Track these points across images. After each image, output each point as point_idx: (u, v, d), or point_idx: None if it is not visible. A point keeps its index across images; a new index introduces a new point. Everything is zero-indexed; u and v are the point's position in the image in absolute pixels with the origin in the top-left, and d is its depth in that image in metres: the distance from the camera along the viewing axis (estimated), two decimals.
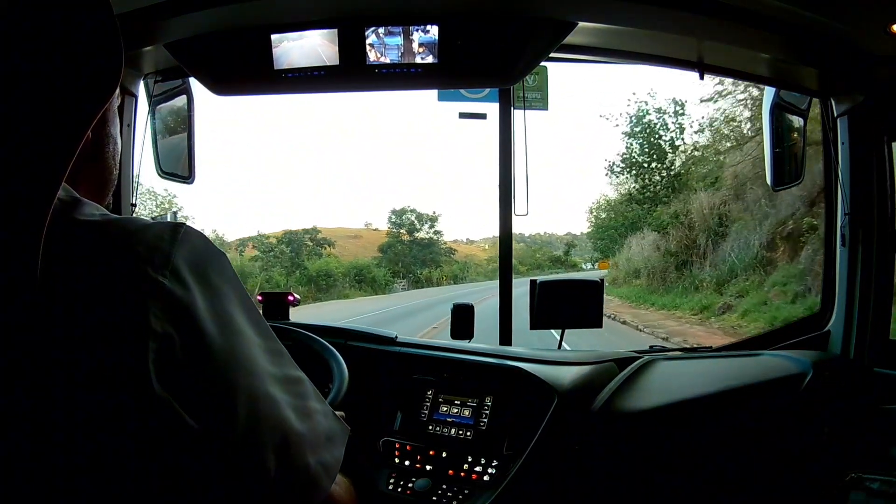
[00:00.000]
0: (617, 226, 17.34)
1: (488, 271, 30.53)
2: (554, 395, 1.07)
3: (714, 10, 1.10)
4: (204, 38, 1.23)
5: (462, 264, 31.38)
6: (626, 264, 15.22)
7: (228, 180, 43.04)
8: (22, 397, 0.38)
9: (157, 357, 0.40)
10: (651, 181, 15.89)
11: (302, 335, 1.10)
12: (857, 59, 1.20)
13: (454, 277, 29.68)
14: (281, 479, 0.45)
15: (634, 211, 16.23)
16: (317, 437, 0.49)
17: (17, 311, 0.38)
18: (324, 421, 0.51)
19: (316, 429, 0.49)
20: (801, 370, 1.22)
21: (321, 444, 0.50)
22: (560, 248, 36.51)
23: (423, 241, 28.64)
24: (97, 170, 0.53)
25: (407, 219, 29.01)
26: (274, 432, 0.45)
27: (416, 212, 29.38)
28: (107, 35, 0.43)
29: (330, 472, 0.50)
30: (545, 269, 33.27)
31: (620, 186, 17.40)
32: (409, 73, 1.21)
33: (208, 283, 0.45)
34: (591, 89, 52.26)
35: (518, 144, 1.56)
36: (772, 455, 1.17)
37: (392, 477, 1.11)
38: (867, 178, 1.34)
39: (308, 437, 0.48)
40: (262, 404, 0.45)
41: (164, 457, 0.42)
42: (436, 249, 28.87)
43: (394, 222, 29.27)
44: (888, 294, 1.35)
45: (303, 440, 0.47)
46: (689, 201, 13.07)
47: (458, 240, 35.53)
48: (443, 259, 29.49)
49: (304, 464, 0.47)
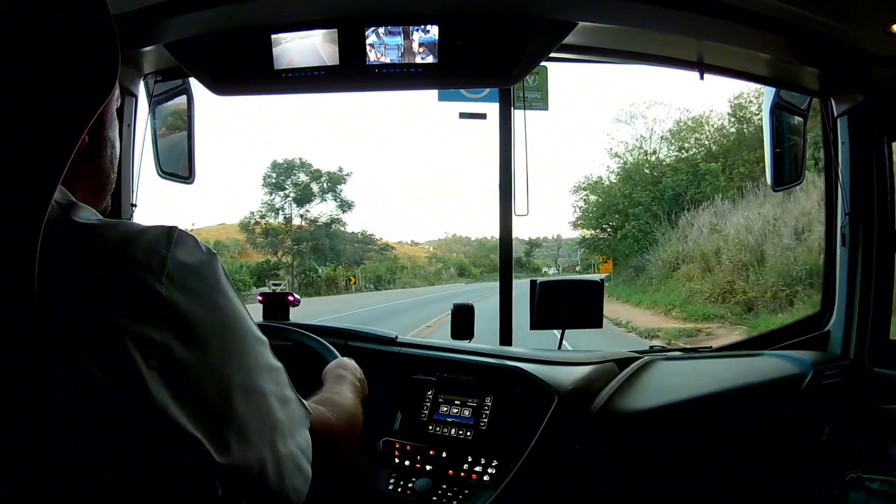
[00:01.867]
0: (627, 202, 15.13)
1: (429, 274, 27.48)
2: (554, 395, 1.07)
3: (714, 10, 1.10)
4: (204, 38, 1.23)
5: (392, 262, 24.28)
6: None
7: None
8: (21, 399, 0.38)
9: (155, 361, 0.41)
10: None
11: (302, 335, 1.10)
12: (857, 59, 1.20)
13: (377, 280, 21.73)
14: (272, 467, 0.47)
15: (675, 176, 14.02)
16: (293, 422, 0.52)
17: (15, 313, 0.38)
18: (296, 407, 0.53)
19: (292, 416, 0.52)
20: (801, 370, 1.22)
21: (297, 428, 0.52)
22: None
23: (332, 225, 19.09)
24: (94, 173, 0.53)
25: (296, 179, 18.24)
26: (264, 424, 0.48)
27: (309, 167, 18.59)
28: (103, 34, 0.43)
29: (307, 453, 0.52)
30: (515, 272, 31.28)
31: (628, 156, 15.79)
32: (409, 73, 1.21)
33: (203, 284, 0.45)
34: (590, 88, 51.87)
35: (518, 144, 1.56)
36: (772, 455, 1.17)
37: (392, 477, 1.10)
38: (867, 178, 1.34)
39: (287, 424, 0.50)
40: (255, 398, 0.47)
41: (163, 457, 0.42)
42: (342, 238, 20.70)
43: (272, 183, 18.01)
44: (888, 294, 1.35)
45: (284, 427, 0.50)
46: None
47: (402, 241, 31.07)
48: (371, 255, 22.82)
49: (288, 450, 0.50)
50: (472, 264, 30.52)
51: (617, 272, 16.14)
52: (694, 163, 15.14)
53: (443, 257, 31.62)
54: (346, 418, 0.67)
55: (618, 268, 16.32)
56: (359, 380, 0.84)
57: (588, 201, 18.16)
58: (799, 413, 1.20)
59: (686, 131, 16.18)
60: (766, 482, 1.16)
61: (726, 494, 1.16)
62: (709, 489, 1.14)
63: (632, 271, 14.78)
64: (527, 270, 27.73)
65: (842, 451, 1.24)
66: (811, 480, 1.21)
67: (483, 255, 30.70)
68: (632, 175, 16.74)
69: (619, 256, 16.62)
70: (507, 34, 1.17)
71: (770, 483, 1.17)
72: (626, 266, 15.44)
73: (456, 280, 27.91)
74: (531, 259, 29.47)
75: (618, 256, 16.71)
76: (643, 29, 1.21)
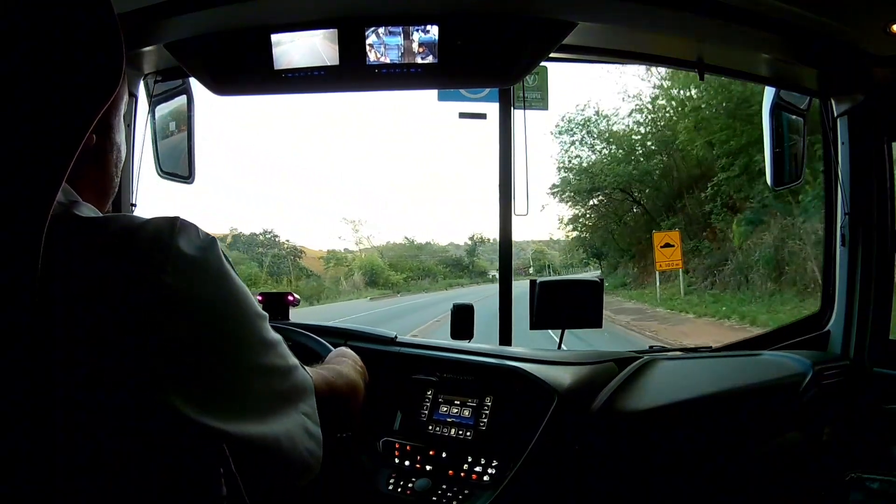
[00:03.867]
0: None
1: (324, 282, 19.40)
2: (554, 395, 1.07)
3: (714, 10, 1.10)
4: (204, 38, 1.23)
5: (298, 269, 19.40)
6: None
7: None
8: (23, 397, 0.38)
9: (161, 355, 0.41)
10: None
11: (301, 335, 1.10)
12: (857, 59, 1.20)
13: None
14: (284, 436, 0.49)
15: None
16: (298, 390, 0.53)
17: (18, 311, 0.38)
18: (300, 374, 0.55)
19: (296, 384, 0.53)
20: (801, 370, 1.22)
21: (302, 395, 0.54)
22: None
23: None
24: (100, 176, 0.53)
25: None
26: (273, 397, 0.50)
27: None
28: (107, 34, 0.43)
29: (313, 417, 0.54)
30: (443, 277, 22.12)
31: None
32: (409, 73, 1.21)
33: (208, 270, 0.46)
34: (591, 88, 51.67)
35: (518, 144, 1.56)
36: (772, 455, 1.17)
37: (392, 477, 1.10)
38: (867, 178, 1.34)
39: (293, 393, 0.52)
40: (262, 375, 0.49)
41: (166, 455, 0.42)
42: (238, 239, 17.60)
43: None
44: (888, 294, 1.35)
45: (291, 396, 0.52)
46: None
47: (306, 246, 22.79)
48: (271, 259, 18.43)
49: (298, 417, 0.52)
50: (392, 267, 21.92)
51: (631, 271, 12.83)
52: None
53: (344, 256, 22.44)
54: (345, 381, 0.70)
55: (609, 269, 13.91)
56: (359, 365, 0.84)
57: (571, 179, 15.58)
58: (799, 413, 1.20)
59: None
60: (766, 482, 1.16)
61: (726, 494, 1.16)
62: (709, 489, 1.14)
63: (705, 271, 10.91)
64: (470, 274, 23.26)
65: (842, 451, 1.24)
66: (811, 480, 1.21)
67: (411, 256, 23.03)
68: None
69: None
70: (507, 34, 1.17)
71: (770, 483, 1.17)
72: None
73: (364, 293, 19.47)
74: (475, 259, 24.74)
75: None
76: (643, 29, 1.21)
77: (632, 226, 14.72)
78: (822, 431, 1.24)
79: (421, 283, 21.90)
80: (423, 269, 22.77)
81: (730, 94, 10.84)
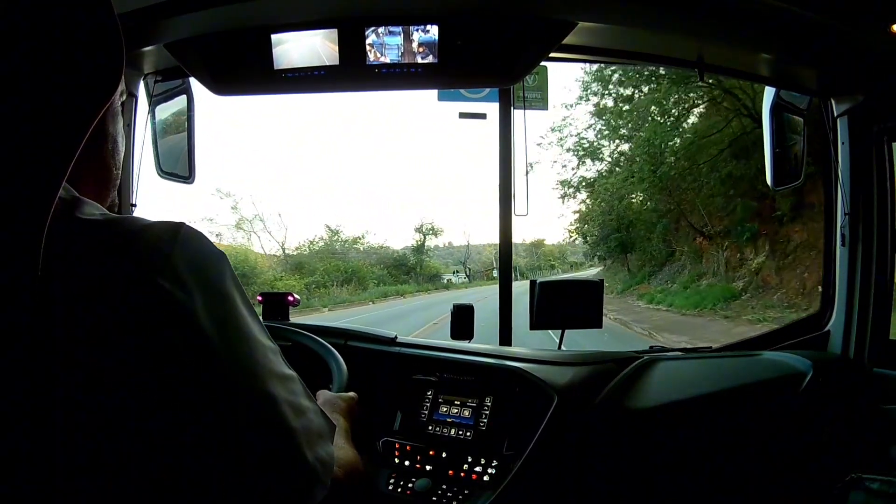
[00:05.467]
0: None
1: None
2: (554, 395, 1.07)
3: (714, 10, 1.10)
4: (204, 38, 1.23)
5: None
6: None
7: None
8: (23, 397, 0.38)
9: (157, 359, 0.40)
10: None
11: (301, 336, 1.10)
12: (857, 59, 1.20)
13: None
14: (282, 475, 0.46)
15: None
16: (310, 433, 0.50)
17: (18, 311, 0.38)
18: (315, 418, 0.52)
19: (309, 426, 0.50)
20: (800, 370, 1.22)
21: (315, 440, 0.50)
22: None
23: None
24: (95, 168, 0.52)
25: None
26: (272, 430, 0.46)
27: None
28: (107, 34, 0.43)
29: (326, 467, 0.51)
30: (376, 283, 16.97)
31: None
32: (409, 72, 1.21)
33: (208, 284, 0.45)
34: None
35: (518, 144, 1.56)
36: (772, 455, 1.17)
37: (392, 477, 1.10)
38: (867, 178, 1.34)
39: (303, 434, 0.49)
40: (262, 403, 0.46)
41: (165, 458, 0.42)
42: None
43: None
44: (888, 294, 1.35)
45: (299, 436, 0.48)
46: None
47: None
48: None
49: (303, 460, 0.48)
50: (298, 268, 16.72)
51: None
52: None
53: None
54: (345, 468, 0.61)
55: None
56: (347, 412, 0.80)
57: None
58: (799, 413, 1.20)
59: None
60: (767, 482, 1.16)
61: (726, 494, 1.16)
62: (709, 489, 1.14)
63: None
64: (417, 278, 19.24)
65: (842, 451, 1.24)
66: (811, 480, 1.21)
67: (338, 254, 17.47)
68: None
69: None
70: (507, 34, 1.17)
71: (770, 483, 1.17)
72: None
73: None
74: (425, 259, 20.37)
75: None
76: (643, 29, 1.21)
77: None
78: (822, 431, 1.24)
79: (338, 292, 15.72)
80: (349, 270, 16.76)
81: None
